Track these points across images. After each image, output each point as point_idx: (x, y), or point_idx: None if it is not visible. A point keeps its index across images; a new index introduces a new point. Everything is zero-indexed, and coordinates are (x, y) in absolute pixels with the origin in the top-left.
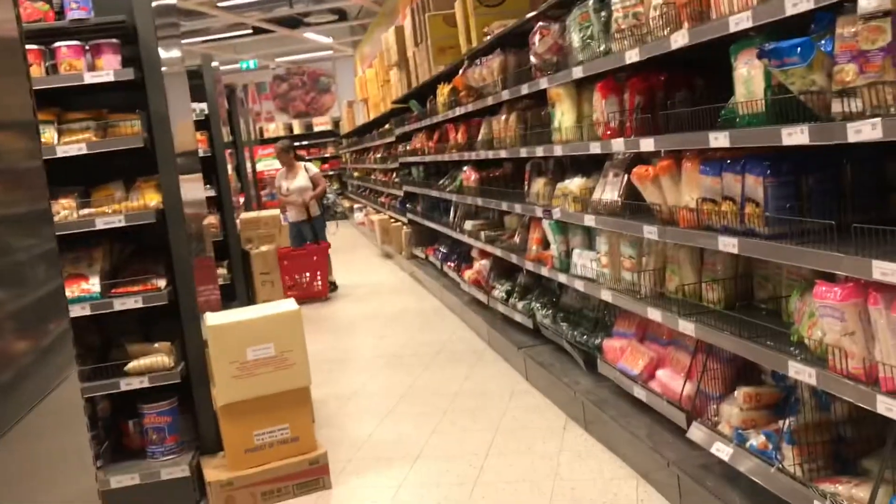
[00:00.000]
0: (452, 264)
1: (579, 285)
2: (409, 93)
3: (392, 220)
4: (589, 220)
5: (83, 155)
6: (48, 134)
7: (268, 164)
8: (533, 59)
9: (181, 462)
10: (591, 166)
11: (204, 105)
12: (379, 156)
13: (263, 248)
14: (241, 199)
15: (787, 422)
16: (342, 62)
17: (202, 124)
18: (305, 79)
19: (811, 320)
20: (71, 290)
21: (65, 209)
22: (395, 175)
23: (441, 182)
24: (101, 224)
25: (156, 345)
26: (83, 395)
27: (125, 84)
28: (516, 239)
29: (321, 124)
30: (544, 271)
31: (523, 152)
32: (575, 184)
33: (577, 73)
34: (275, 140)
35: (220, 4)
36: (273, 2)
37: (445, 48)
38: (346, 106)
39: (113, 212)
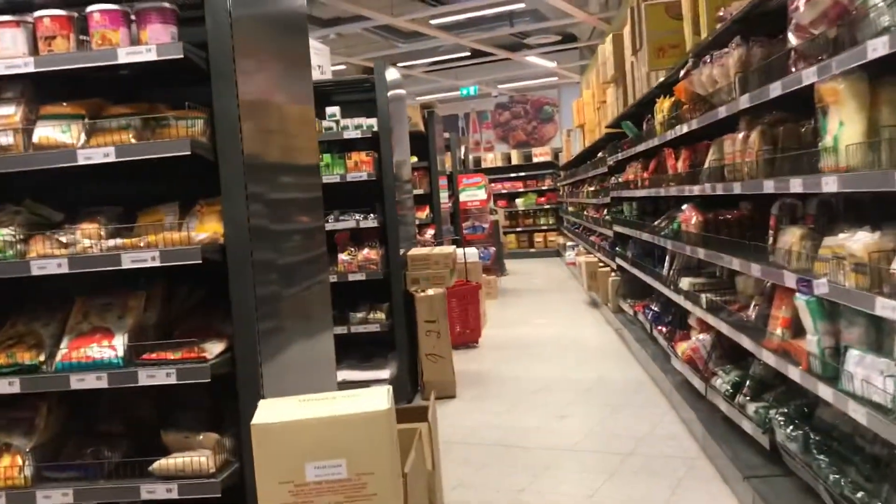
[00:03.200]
0: (664, 329)
1: (856, 412)
2: (624, 113)
3: (601, 265)
4: (883, 307)
5: (126, 163)
6: (72, 133)
7: (472, 194)
8: (793, 38)
9: None
10: (883, 213)
11: (372, 121)
12: (592, 189)
13: (430, 292)
14: (432, 233)
15: None
16: (568, 89)
17: (371, 143)
18: (528, 107)
19: None
20: (85, 352)
21: (86, 237)
22: (605, 212)
23: (656, 223)
24: (127, 262)
25: (200, 436)
26: None
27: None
28: (751, 312)
29: (541, 155)
30: (793, 373)
31: (769, 187)
32: (858, 241)
33: (878, 49)
34: (491, 170)
35: (433, 22)
36: (492, 21)
37: (666, 47)
38: (565, 135)
39: (146, 246)
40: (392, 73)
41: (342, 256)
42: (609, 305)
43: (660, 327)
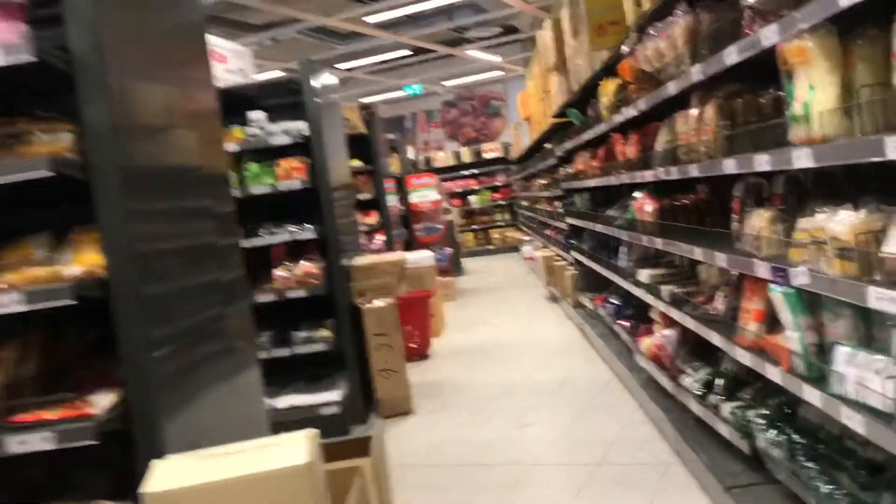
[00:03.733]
0: (626, 323)
1: (851, 419)
2: (568, 101)
3: (557, 259)
4: (879, 298)
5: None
6: None
7: (423, 195)
8: None
9: None
10: (859, 188)
11: (302, 124)
12: (543, 182)
13: (379, 303)
14: (382, 238)
15: None
16: (514, 83)
17: (303, 149)
18: (475, 103)
19: None
20: None
21: None
22: (558, 204)
23: (609, 213)
24: None
25: None
26: None
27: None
28: (718, 305)
29: (491, 151)
30: (773, 374)
31: (729, 166)
32: (841, 222)
33: None
34: (443, 170)
35: (369, 20)
36: (431, 17)
37: (606, 25)
38: (513, 129)
39: (8, 286)
40: (321, 73)
41: (278, 272)
42: (569, 300)
43: (621, 321)
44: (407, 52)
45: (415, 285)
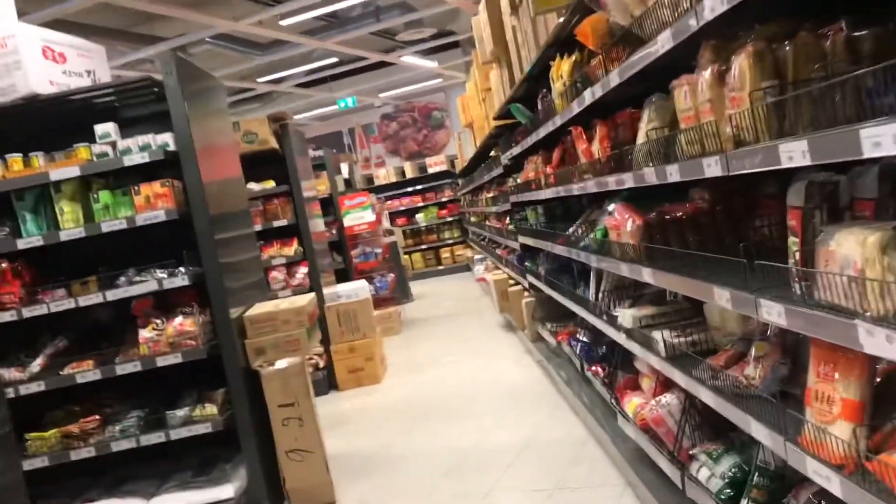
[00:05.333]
0: (600, 370)
1: None
2: (512, 95)
3: (511, 282)
4: None
5: None
6: None
7: (357, 216)
8: None
9: None
10: None
11: (167, 137)
12: (490, 195)
13: (282, 365)
14: (304, 271)
15: None
16: (455, 91)
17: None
18: (416, 115)
19: None
20: None
21: None
22: (508, 220)
23: (570, 231)
24: None
25: None
26: None
27: None
28: (752, 370)
29: (436, 164)
30: None
31: (793, 153)
32: None
33: None
34: (385, 187)
35: (284, 23)
36: (357, 20)
37: None
38: (456, 139)
39: None
40: (197, 71)
41: (145, 333)
42: (526, 332)
43: (594, 367)
44: (335, 60)
45: (348, 327)
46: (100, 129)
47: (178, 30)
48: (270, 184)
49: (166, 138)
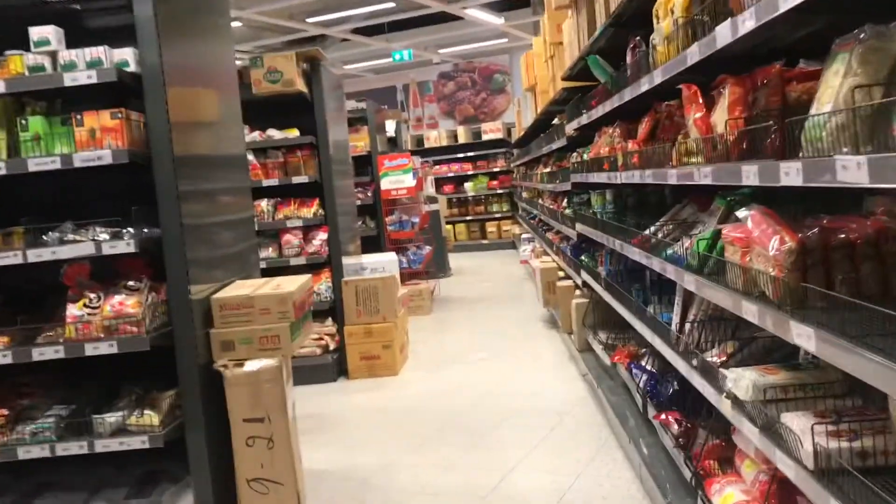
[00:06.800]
0: (673, 421)
1: None
2: (591, 44)
3: (561, 273)
4: None
5: None
6: None
7: (396, 180)
8: None
9: None
10: None
11: (127, 52)
12: (547, 171)
13: (253, 367)
14: (324, 237)
15: None
16: (521, 53)
17: (130, 96)
18: (476, 76)
19: None
20: None
21: None
22: (564, 202)
23: (651, 231)
24: None
25: None
26: None
27: None
28: None
29: (492, 131)
30: None
31: None
32: None
33: None
34: (435, 150)
35: None
36: None
37: None
38: (517, 105)
39: None
40: None
41: (73, 310)
42: (573, 337)
43: (664, 416)
44: (391, 5)
45: (367, 307)
46: (35, 32)
47: None
48: (294, 132)
49: (125, 54)
